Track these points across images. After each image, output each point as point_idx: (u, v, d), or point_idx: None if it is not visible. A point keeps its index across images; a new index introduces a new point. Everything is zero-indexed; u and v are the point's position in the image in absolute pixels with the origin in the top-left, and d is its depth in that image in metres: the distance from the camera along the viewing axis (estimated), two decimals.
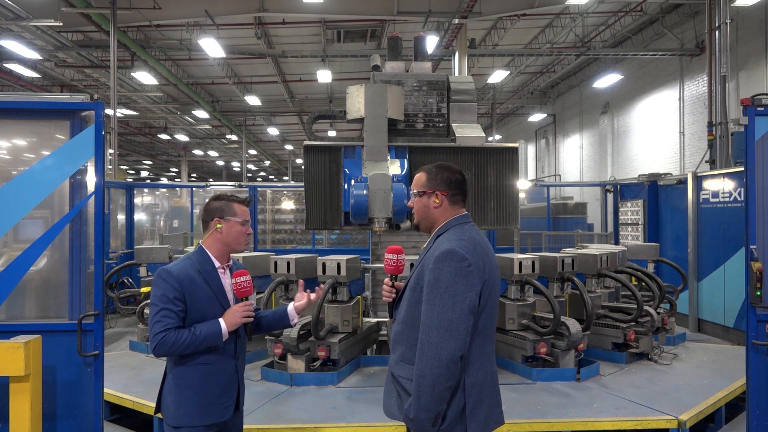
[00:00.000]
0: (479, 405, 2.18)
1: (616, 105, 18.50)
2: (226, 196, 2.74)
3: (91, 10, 12.68)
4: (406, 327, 2.27)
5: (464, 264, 2.13)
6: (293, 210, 11.58)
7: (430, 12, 13.61)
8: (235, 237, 2.67)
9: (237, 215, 2.67)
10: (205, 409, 2.54)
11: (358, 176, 5.58)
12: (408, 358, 2.24)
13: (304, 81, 21.18)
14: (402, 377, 2.25)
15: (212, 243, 2.69)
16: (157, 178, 47.71)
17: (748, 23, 12.28)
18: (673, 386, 4.97)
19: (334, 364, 5.20)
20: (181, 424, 2.52)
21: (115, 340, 7.22)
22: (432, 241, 2.34)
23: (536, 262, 5.50)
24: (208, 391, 2.55)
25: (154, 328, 2.47)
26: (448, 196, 2.37)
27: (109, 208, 9.42)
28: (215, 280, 2.65)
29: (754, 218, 3.66)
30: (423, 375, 2.08)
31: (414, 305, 2.24)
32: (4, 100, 3.33)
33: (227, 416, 2.63)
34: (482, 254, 2.22)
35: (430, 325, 2.11)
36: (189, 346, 2.47)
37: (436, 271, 2.15)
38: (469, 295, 2.12)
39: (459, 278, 2.12)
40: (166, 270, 2.55)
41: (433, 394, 2.06)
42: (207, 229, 2.70)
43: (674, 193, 8.95)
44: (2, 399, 3.03)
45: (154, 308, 2.50)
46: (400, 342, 2.30)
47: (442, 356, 2.06)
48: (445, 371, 2.06)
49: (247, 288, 2.64)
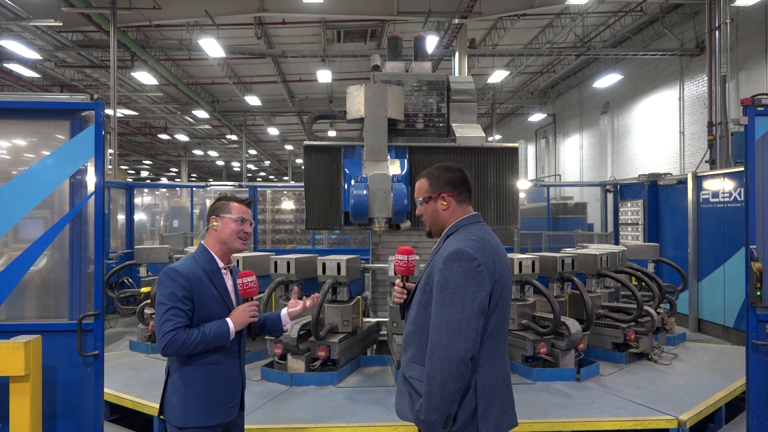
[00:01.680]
0: (491, 406, 2.16)
1: (616, 105, 18.51)
2: (227, 197, 2.77)
3: (91, 10, 12.69)
4: (417, 328, 2.26)
5: (474, 264, 2.11)
6: (293, 210, 11.58)
7: (430, 12, 13.61)
8: (230, 234, 2.67)
9: (232, 213, 2.69)
10: (213, 410, 2.55)
11: (358, 176, 5.58)
12: (419, 359, 2.22)
13: (304, 81, 21.18)
14: (413, 378, 2.22)
15: (212, 242, 2.71)
16: (157, 178, 47.70)
17: (748, 23, 12.28)
18: (673, 386, 4.97)
19: (334, 364, 5.20)
20: (187, 424, 2.51)
21: (115, 340, 7.21)
22: (442, 241, 2.32)
23: (536, 262, 5.49)
24: (215, 391, 2.56)
25: (163, 327, 2.45)
26: (455, 196, 2.35)
27: (109, 208, 9.41)
28: (220, 280, 2.67)
29: (754, 218, 3.66)
30: (433, 376, 2.07)
31: (424, 306, 2.23)
32: (4, 100, 3.33)
33: (233, 416, 2.64)
34: (492, 254, 2.19)
35: (440, 326, 2.09)
36: (199, 345, 2.48)
37: (446, 271, 2.13)
38: (479, 296, 2.09)
39: (468, 278, 2.10)
40: (174, 269, 2.55)
41: (443, 396, 2.05)
42: (209, 228, 2.73)
43: (674, 193, 8.95)
44: (2, 399, 3.03)
45: (161, 307, 2.49)
46: (411, 343, 2.28)
47: (452, 357, 2.04)
48: (455, 372, 2.04)
49: (253, 288, 2.67)
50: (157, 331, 2.48)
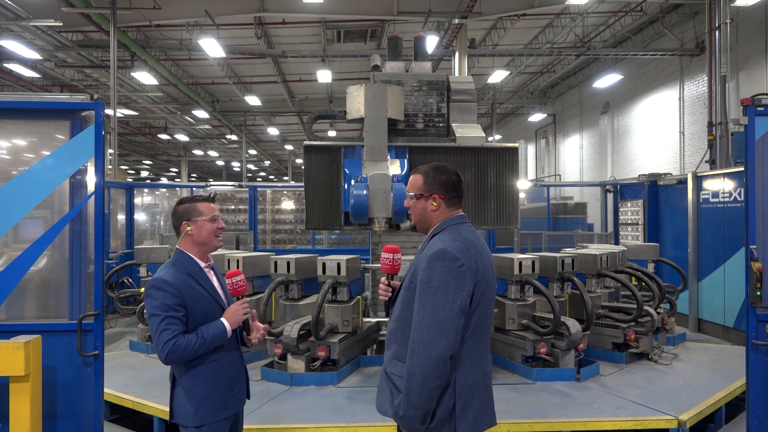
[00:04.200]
0: (469, 405, 2.19)
1: (616, 105, 18.50)
2: (190, 198, 2.77)
3: (91, 10, 12.68)
4: (400, 325, 2.29)
5: (456, 264, 2.15)
6: (293, 210, 11.57)
7: (430, 12, 13.61)
8: (207, 235, 2.69)
9: (203, 214, 2.70)
10: (223, 403, 2.63)
11: (358, 176, 5.58)
12: (401, 356, 2.24)
13: (304, 81, 21.17)
14: (394, 375, 2.26)
15: (189, 245, 2.71)
16: (157, 178, 47.69)
17: (748, 23, 12.28)
18: (673, 386, 4.97)
19: (334, 364, 5.20)
20: (202, 422, 2.57)
21: (115, 340, 7.22)
22: (427, 240, 2.35)
23: (536, 262, 5.49)
24: (222, 386, 2.64)
25: (162, 337, 2.46)
26: (446, 200, 2.37)
27: (109, 208, 9.42)
28: (205, 279, 2.70)
29: (754, 218, 3.66)
30: (413, 373, 2.10)
31: (408, 304, 2.26)
32: (4, 100, 3.34)
33: (242, 405, 2.77)
34: (476, 255, 2.23)
35: (421, 323, 2.12)
36: (199, 349, 2.52)
37: (429, 270, 2.16)
38: (461, 295, 2.13)
39: (450, 278, 2.13)
40: (160, 279, 2.55)
41: (422, 392, 2.08)
42: (179, 234, 2.73)
43: (674, 193, 8.95)
44: (2, 399, 3.03)
45: (155, 318, 2.50)
46: (394, 340, 2.32)
47: (432, 355, 2.07)
48: (434, 370, 2.08)
49: (242, 287, 2.72)
50: (156, 341, 2.49)
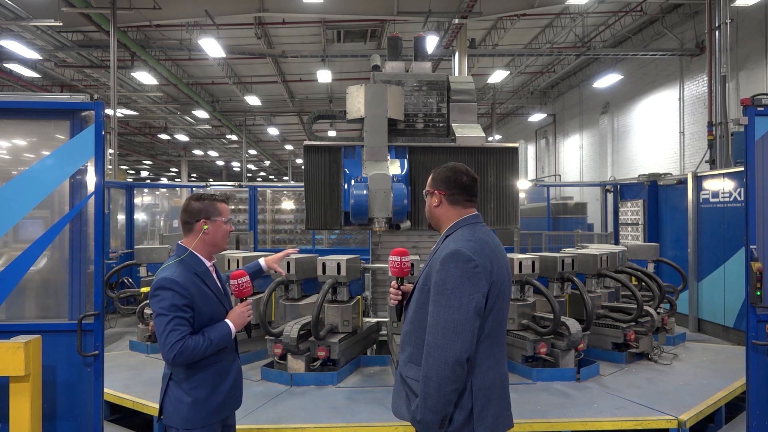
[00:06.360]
0: (487, 407, 2.15)
1: (616, 105, 18.50)
2: (208, 196, 2.72)
3: (91, 10, 12.68)
4: (414, 327, 2.26)
5: (470, 265, 2.11)
6: (293, 210, 11.57)
7: (430, 12, 13.61)
8: (222, 237, 2.69)
9: (222, 215, 2.69)
10: (222, 404, 2.63)
11: (358, 176, 5.58)
12: (416, 359, 2.22)
13: (304, 81, 21.18)
14: (410, 378, 2.23)
15: (199, 245, 2.65)
16: (157, 178, 47.69)
17: (748, 23, 12.28)
18: (673, 386, 4.97)
19: (334, 364, 5.20)
20: (197, 425, 2.53)
21: (115, 340, 7.21)
22: (441, 241, 2.32)
23: (536, 262, 5.49)
24: (223, 387, 2.63)
25: (170, 337, 2.42)
26: (446, 196, 2.35)
27: (109, 208, 9.41)
28: (211, 280, 2.69)
29: (754, 218, 3.66)
30: (429, 377, 2.07)
31: (422, 306, 2.23)
32: (4, 100, 3.33)
33: (238, 406, 2.77)
34: (490, 255, 2.19)
35: (436, 326, 2.09)
36: (206, 350, 2.51)
37: (443, 272, 2.13)
38: (476, 297, 2.09)
39: (465, 279, 2.10)
40: (169, 279, 2.50)
41: (439, 396, 2.05)
42: (191, 231, 2.66)
43: (674, 193, 8.95)
44: (2, 399, 3.03)
45: (163, 318, 2.45)
46: (409, 342, 2.29)
47: (448, 358, 2.04)
48: (451, 373, 2.04)
49: (247, 288, 2.70)
50: (163, 342, 2.44)
